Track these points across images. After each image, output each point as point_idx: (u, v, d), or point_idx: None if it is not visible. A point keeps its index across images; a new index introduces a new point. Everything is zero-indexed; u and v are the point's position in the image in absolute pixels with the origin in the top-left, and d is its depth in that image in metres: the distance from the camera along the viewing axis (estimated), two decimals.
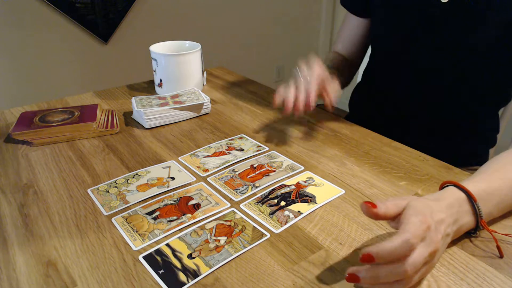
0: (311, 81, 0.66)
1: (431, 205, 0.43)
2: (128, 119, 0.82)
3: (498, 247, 0.46)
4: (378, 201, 0.42)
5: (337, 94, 0.69)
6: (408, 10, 0.76)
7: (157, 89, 0.94)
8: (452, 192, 0.47)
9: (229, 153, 0.69)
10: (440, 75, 0.76)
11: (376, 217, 0.42)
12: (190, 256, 0.46)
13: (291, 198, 0.56)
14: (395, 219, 0.43)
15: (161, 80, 0.91)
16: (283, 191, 0.58)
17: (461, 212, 0.46)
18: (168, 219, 0.52)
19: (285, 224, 0.51)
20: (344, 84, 0.89)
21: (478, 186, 0.47)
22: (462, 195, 0.46)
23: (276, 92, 0.69)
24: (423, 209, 0.41)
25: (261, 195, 0.57)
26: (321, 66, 0.70)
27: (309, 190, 0.58)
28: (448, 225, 0.43)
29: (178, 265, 0.45)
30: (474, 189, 0.47)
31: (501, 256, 0.46)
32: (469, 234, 0.48)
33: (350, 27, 0.92)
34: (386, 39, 0.83)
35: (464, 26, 0.69)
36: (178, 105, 0.80)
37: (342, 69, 0.88)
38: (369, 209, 0.41)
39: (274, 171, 0.63)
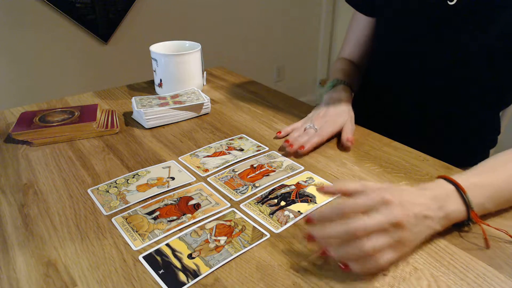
0: (318, 135, 0.70)
1: (410, 190, 0.46)
2: (128, 119, 0.82)
3: (485, 239, 0.47)
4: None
5: (352, 133, 0.73)
6: (412, 10, 0.75)
7: (157, 89, 0.94)
8: (440, 184, 0.48)
9: (229, 153, 0.69)
10: (441, 76, 0.75)
11: (330, 193, 0.49)
12: (190, 256, 0.46)
13: (291, 198, 0.56)
14: None
15: (161, 80, 0.91)
16: (283, 191, 0.58)
17: (448, 200, 0.47)
18: (168, 219, 0.52)
19: (285, 224, 0.51)
20: (357, 90, 0.92)
21: (468, 180, 0.48)
22: (450, 186, 0.48)
23: (286, 127, 0.76)
24: (392, 190, 0.45)
25: (261, 195, 0.57)
26: (335, 122, 0.73)
27: (309, 190, 0.58)
28: (427, 208, 0.45)
29: (178, 265, 0.45)
30: (464, 182, 0.48)
31: (488, 247, 0.47)
32: (462, 226, 0.49)
33: (358, 28, 0.91)
34: (388, 39, 0.83)
35: (469, 26, 0.69)
36: (178, 105, 0.80)
37: (355, 79, 0.89)
38: (323, 190, 0.47)
39: (274, 171, 0.63)
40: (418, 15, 0.75)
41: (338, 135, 0.74)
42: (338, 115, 0.74)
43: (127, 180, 0.61)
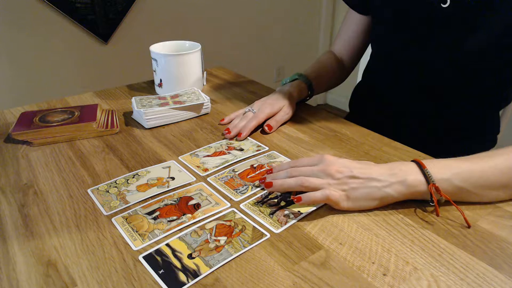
0: (255, 117, 0.75)
1: (366, 162, 0.55)
2: (128, 119, 0.82)
3: (436, 208, 0.51)
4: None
5: (278, 121, 0.77)
6: (408, 11, 0.76)
7: (157, 89, 0.94)
8: (403, 161, 0.54)
9: (229, 153, 0.69)
10: (440, 76, 0.76)
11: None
12: (190, 256, 0.46)
13: (291, 198, 0.56)
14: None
15: (161, 80, 0.91)
16: None
17: (405, 170, 0.52)
18: (168, 219, 0.52)
19: (285, 224, 0.51)
20: (326, 88, 0.95)
21: (434, 160, 0.53)
22: (411, 162, 0.53)
23: (230, 115, 0.81)
24: (345, 159, 0.55)
25: (261, 195, 0.57)
26: (272, 104, 0.78)
27: None
28: (375, 172, 0.52)
29: (178, 265, 0.45)
30: (427, 161, 0.52)
31: (437, 215, 0.51)
32: (427, 203, 0.52)
33: (350, 24, 0.92)
34: (386, 39, 0.83)
35: (465, 27, 0.69)
36: (178, 105, 0.80)
37: (325, 75, 0.91)
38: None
39: None
40: (414, 17, 0.75)
41: (338, 136, 0.74)
42: (277, 100, 0.79)
43: (127, 180, 0.61)
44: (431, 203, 0.51)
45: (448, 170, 0.51)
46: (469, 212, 0.52)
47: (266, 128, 0.75)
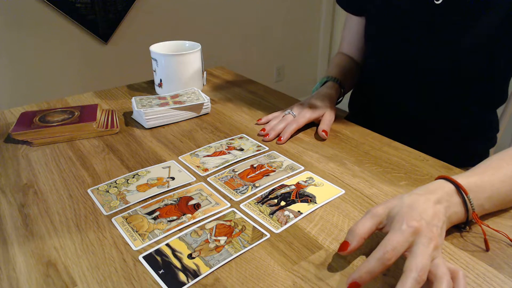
0: (295, 121, 0.73)
1: (417, 202, 0.44)
2: (128, 119, 0.82)
3: (485, 240, 0.47)
4: (349, 234, 0.44)
5: (329, 125, 0.75)
6: (402, 10, 0.76)
7: (157, 89, 0.94)
8: (441, 185, 0.47)
9: (229, 152, 0.69)
10: (438, 74, 0.76)
11: (354, 250, 0.43)
12: (190, 256, 0.46)
13: (291, 198, 0.56)
14: (384, 228, 0.44)
15: (161, 80, 0.91)
16: (283, 191, 0.58)
17: (451, 202, 0.46)
18: (168, 219, 0.52)
19: (285, 224, 0.51)
20: (352, 86, 0.95)
21: (468, 180, 0.48)
22: (451, 187, 0.47)
23: (267, 115, 0.80)
24: (409, 214, 0.42)
25: (261, 195, 0.57)
26: (313, 109, 0.76)
27: (309, 190, 0.58)
28: (442, 215, 0.44)
29: (178, 265, 0.45)
30: (464, 182, 0.47)
31: (487, 250, 0.46)
32: (459, 228, 0.49)
33: (350, 27, 0.93)
34: (382, 39, 0.83)
35: (460, 25, 0.69)
36: (178, 105, 0.80)
37: (349, 75, 0.90)
38: (346, 252, 0.43)
39: (274, 171, 0.63)
40: (408, 16, 0.75)
41: (338, 136, 0.74)
42: (318, 104, 0.77)
43: (127, 180, 0.61)
44: (462, 228, 0.49)
45: (482, 194, 0.48)
46: None
47: (323, 134, 0.72)
